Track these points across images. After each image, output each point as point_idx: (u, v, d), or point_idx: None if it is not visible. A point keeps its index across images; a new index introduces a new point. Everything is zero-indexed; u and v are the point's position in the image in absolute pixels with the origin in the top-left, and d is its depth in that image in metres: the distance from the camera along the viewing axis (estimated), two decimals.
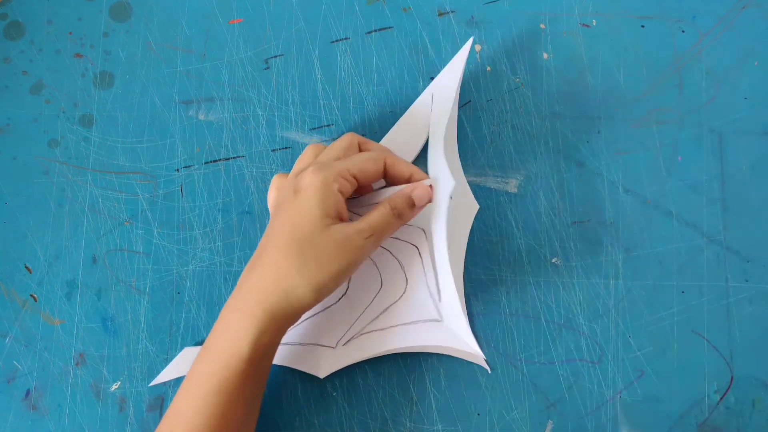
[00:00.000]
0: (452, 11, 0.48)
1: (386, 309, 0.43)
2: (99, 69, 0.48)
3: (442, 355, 0.43)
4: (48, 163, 0.47)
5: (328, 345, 0.43)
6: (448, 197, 0.39)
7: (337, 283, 0.38)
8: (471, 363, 0.43)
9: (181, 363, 0.43)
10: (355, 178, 0.39)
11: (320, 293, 0.37)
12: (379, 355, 0.42)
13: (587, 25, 0.47)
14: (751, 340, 0.43)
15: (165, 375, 0.43)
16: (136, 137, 0.47)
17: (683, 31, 0.47)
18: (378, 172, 0.40)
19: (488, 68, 0.47)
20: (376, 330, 0.42)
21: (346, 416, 0.43)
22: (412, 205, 0.40)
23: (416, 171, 0.41)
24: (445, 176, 0.40)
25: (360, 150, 0.41)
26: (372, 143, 0.42)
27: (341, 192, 0.38)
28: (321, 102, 0.47)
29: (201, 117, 0.47)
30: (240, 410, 0.37)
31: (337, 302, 0.43)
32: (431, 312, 0.42)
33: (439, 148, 0.42)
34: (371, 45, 0.47)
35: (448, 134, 0.43)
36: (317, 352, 0.43)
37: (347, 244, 0.37)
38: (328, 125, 0.47)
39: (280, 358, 0.42)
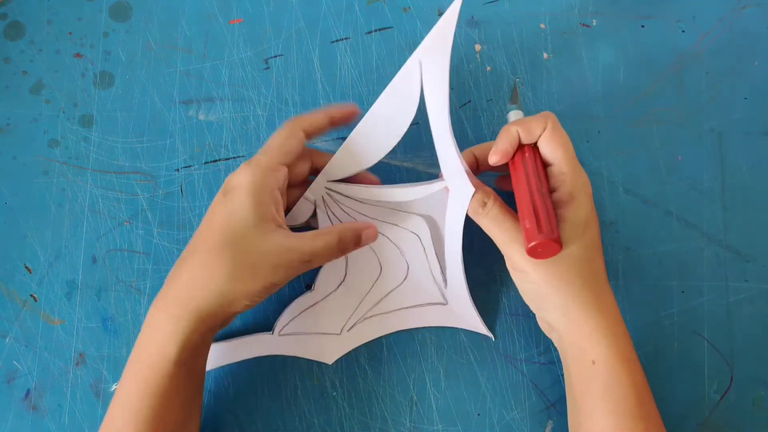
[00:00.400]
0: None
1: (388, 294, 0.43)
2: (99, 69, 0.48)
3: (442, 355, 0.43)
4: (48, 163, 0.47)
5: (333, 332, 0.43)
6: (468, 202, 0.39)
7: (268, 295, 0.37)
8: (471, 363, 0.43)
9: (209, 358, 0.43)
10: (284, 163, 0.38)
11: (253, 302, 0.36)
12: (384, 335, 0.43)
13: (587, 25, 0.47)
14: (751, 340, 0.43)
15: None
16: (136, 137, 0.47)
17: (683, 31, 0.47)
18: (301, 141, 0.39)
19: (488, 68, 0.47)
20: (380, 314, 0.43)
21: (346, 416, 0.43)
22: (358, 244, 0.40)
23: (330, 113, 0.41)
24: (463, 183, 0.39)
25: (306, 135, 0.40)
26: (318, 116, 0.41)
27: (277, 187, 0.37)
28: (321, 102, 0.47)
29: (201, 117, 0.47)
30: (176, 413, 0.36)
31: (336, 290, 0.43)
32: (436, 296, 0.43)
33: (446, 132, 0.39)
34: (371, 45, 0.47)
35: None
36: (323, 339, 0.43)
37: (284, 259, 0.36)
38: None
39: (286, 348, 0.43)
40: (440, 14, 0.48)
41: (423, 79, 0.39)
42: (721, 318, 0.44)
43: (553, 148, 0.37)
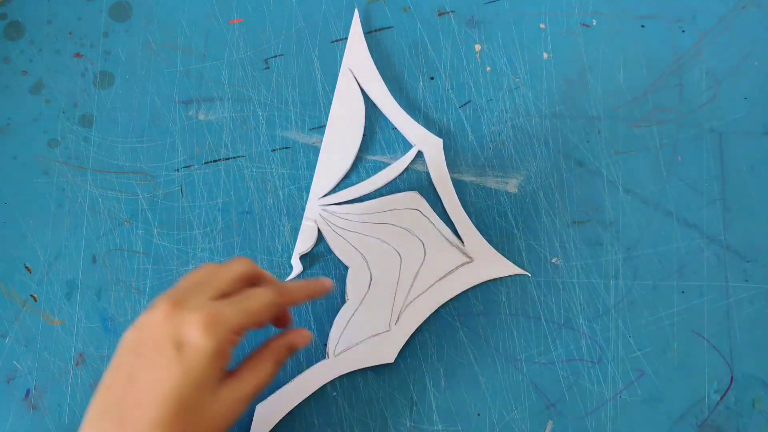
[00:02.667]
0: (452, 11, 0.48)
1: (417, 274, 0.44)
2: (99, 69, 0.48)
3: (442, 355, 0.43)
4: (48, 163, 0.47)
5: (383, 330, 0.43)
6: (442, 152, 0.45)
7: None
8: (471, 363, 0.43)
9: (260, 425, 0.42)
10: (250, 328, 0.33)
11: None
12: (432, 312, 0.44)
13: (587, 25, 0.47)
14: (751, 340, 0.43)
15: None
16: (136, 137, 0.47)
17: (683, 31, 0.47)
18: (272, 317, 0.35)
19: (488, 68, 0.47)
20: (418, 295, 0.44)
21: (346, 416, 0.43)
22: (294, 351, 0.37)
23: (309, 288, 0.38)
24: (431, 137, 0.45)
25: (252, 281, 0.36)
26: (266, 274, 0.37)
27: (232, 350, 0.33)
28: (321, 102, 0.47)
29: (201, 117, 0.47)
30: None
31: (368, 290, 0.44)
32: (460, 257, 0.44)
33: (401, 113, 0.45)
34: (371, 45, 0.47)
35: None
36: (377, 341, 0.43)
37: (236, 412, 0.33)
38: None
39: (346, 365, 0.42)
40: (440, 14, 0.48)
41: (358, 80, 0.46)
42: (721, 318, 0.44)
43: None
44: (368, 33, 0.48)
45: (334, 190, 0.45)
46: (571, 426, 0.42)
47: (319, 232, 0.44)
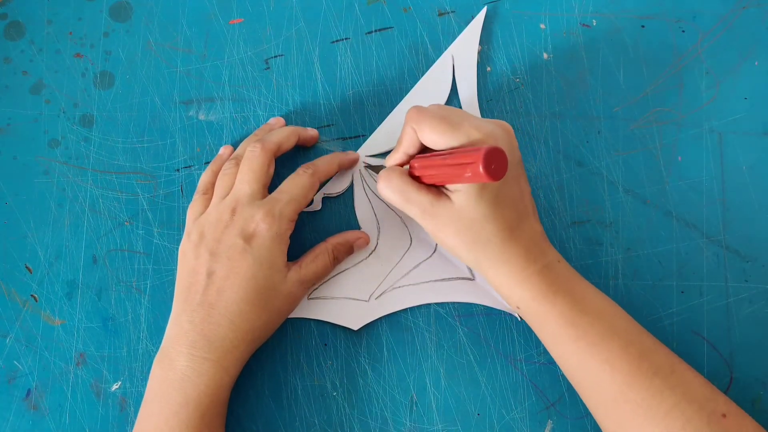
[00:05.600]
0: (452, 11, 0.48)
1: (417, 265, 0.44)
2: (99, 69, 0.48)
3: (442, 355, 0.43)
4: (48, 163, 0.47)
5: (361, 299, 0.44)
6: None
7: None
8: (471, 363, 0.43)
9: None
10: (298, 213, 0.41)
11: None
12: (411, 306, 0.44)
13: (587, 25, 0.47)
14: (751, 340, 0.43)
15: None
16: (137, 137, 0.47)
17: (683, 31, 0.47)
18: (315, 192, 0.42)
19: (488, 68, 0.47)
20: (408, 285, 0.44)
21: (346, 416, 0.43)
22: (350, 253, 0.44)
23: (338, 159, 0.44)
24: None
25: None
26: (299, 133, 0.45)
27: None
28: (321, 102, 0.47)
29: (201, 117, 0.47)
30: None
31: (367, 257, 0.44)
32: (463, 270, 0.44)
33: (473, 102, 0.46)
34: (371, 45, 0.47)
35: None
36: (350, 305, 0.44)
37: (298, 294, 0.42)
38: (328, 125, 0.47)
39: (312, 311, 0.44)
40: (440, 14, 0.48)
41: (455, 70, 0.46)
42: (721, 318, 0.44)
43: (426, 134, 0.38)
44: (368, 33, 0.48)
45: (382, 155, 0.46)
46: (571, 426, 0.42)
47: (352, 185, 0.45)
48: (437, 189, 0.38)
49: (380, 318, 0.44)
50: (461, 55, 0.46)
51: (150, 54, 0.48)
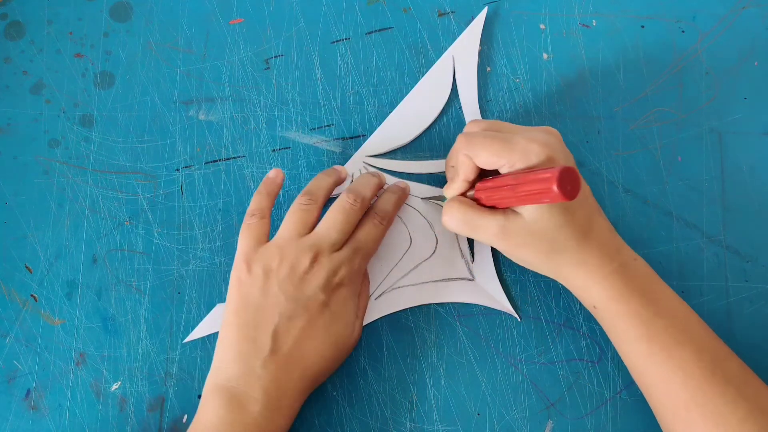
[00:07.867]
0: (452, 11, 0.48)
1: (417, 266, 0.44)
2: (99, 69, 0.48)
3: (442, 355, 0.43)
4: (48, 163, 0.47)
5: None
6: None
7: None
8: (471, 363, 0.43)
9: (215, 319, 0.44)
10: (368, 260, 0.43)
11: None
12: (411, 306, 0.44)
13: (587, 25, 0.47)
14: (751, 340, 0.43)
15: (198, 332, 0.44)
16: (137, 137, 0.47)
17: (683, 31, 0.47)
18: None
19: (488, 68, 0.47)
20: (407, 285, 0.44)
21: (346, 416, 0.43)
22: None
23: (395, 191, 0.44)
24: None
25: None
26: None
27: None
28: (321, 102, 0.47)
29: (201, 117, 0.47)
30: None
31: None
32: (463, 271, 0.44)
33: (477, 115, 0.46)
34: (371, 45, 0.47)
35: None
36: None
37: (358, 338, 0.43)
38: (328, 125, 0.47)
39: None
40: (440, 15, 0.48)
41: (456, 71, 0.46)
42: (721, 318, 0.44)
43: (482, 158, 0.38)
44: (368, 33, 0.48)
45: (382, 156, 0.46)
46: (571, 426, 0.42)
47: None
48: (503, 208, 0.38)
49: (380, 318, 0.44)
50: (462, 55, 0.46)
51: (150, 54, 0.48)
